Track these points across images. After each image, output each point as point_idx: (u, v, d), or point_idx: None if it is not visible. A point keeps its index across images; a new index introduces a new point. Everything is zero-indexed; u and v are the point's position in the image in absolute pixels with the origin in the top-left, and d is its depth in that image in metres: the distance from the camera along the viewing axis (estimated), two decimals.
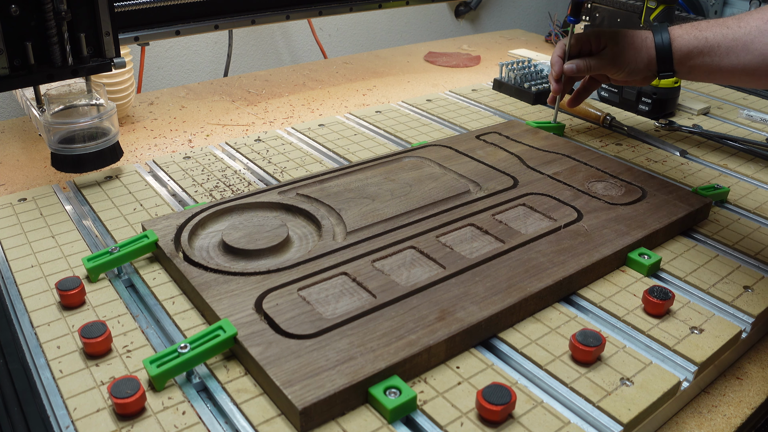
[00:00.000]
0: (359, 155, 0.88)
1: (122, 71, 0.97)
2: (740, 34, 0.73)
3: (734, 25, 0.74)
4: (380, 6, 1.24)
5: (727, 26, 0.74)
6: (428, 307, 0.54)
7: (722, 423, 0.53)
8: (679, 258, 0.67)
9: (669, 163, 0.89)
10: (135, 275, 0.62)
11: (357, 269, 0.59)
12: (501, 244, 0.64)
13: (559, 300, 0.60)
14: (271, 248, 0.62)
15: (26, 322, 0.56)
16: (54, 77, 0.71)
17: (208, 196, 0.77)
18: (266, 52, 1.61)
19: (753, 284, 0.63)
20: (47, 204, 0.74)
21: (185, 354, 0.49)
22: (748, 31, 0.72)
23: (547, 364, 0.52)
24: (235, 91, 1.20)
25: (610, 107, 1.10)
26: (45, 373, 0.50)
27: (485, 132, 0.91)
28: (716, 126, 1.03)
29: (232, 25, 1.07)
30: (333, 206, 0.69)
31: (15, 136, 0.98)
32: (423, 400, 0.48)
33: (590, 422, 0.48)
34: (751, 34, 0.72)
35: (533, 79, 1.15)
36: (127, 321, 0.56)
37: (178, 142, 0.97)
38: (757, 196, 0.81)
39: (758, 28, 0.72)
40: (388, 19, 1.82)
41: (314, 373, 0.47)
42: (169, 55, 1.46)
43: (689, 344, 0.55)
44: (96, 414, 0.46)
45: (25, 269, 0.62)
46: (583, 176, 0.78)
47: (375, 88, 1.24)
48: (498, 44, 1.59)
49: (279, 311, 0.53)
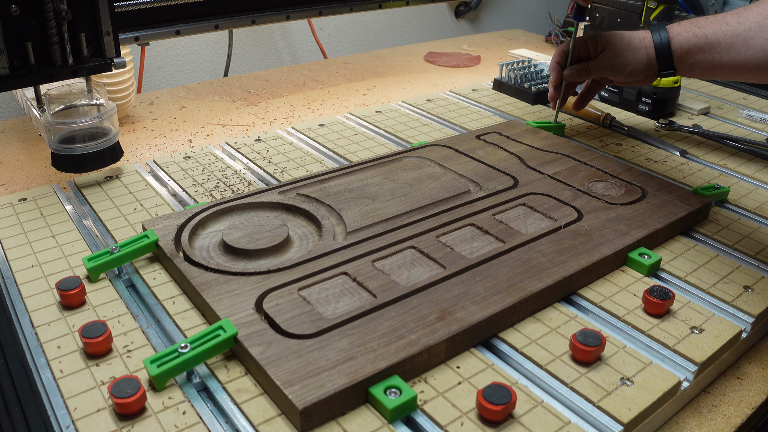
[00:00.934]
0: (359, 155, 0.88)
1: (122, 71, 0.97)
2: (740, 30, 0.73)
3: (733, 21, 0.74)
4: (380, 6, 1.24)
5: (727, 22, 0.74)
6: (428, 307, 0.54)
7: (722, 423, 0.53)
8: (679, 258, 0.67)
9: (669, 163, 0.89)
10: (135, 275, 0.62)
11: (357, 269, 0.59)
12: (501, 244, 0.64)
13: (559, 300, 0.60)
14: (272, 248, 0.62)
15: (26, 322, 0.56)
16: (54, 77, 0.71)
17: (209, 196, 0.77)
18: (266, 52, 1.61)
19: (753, 284, 0.63)
20: (47, 204, 0.74)
21: (185, 354, 0.49)
22: (748, 27, 0.72)
23: (548, 363, 0.52)
24: (235, 91, 1.20)
25: (610, 107, 1.10)
26: (45, 373, 0.50)
27: (485, 132, 0.91)
28: (716, 126, 1.03)
29: (232, 25, 1.07)
30: (333, 206, 0.69)
31: (15, 136, 0.98)
32: (423, 400, 0.48)
33: (590, 422, 0.48)
34: (751, 30, 0.72)
35: (533, 79, 1.15)
36: (127, 321, 0.56)
37: (179, 142, 0.97)
38: (757, 196, 0.81)
39: (758, 23, 0.72)
40: (388, 19, 1.82)
41: (314, 372, 0.47)
42: (169, 55, 1.46)
43: (689, 344, 0.55)
44: (96, 414, 0.46)
45: (25, 269, 0.62)
46: (583, 176, 0.78)
47: (375, 88, 1.24)
48: (498, 44, 1.59)
49: (279, 311, 0.53)
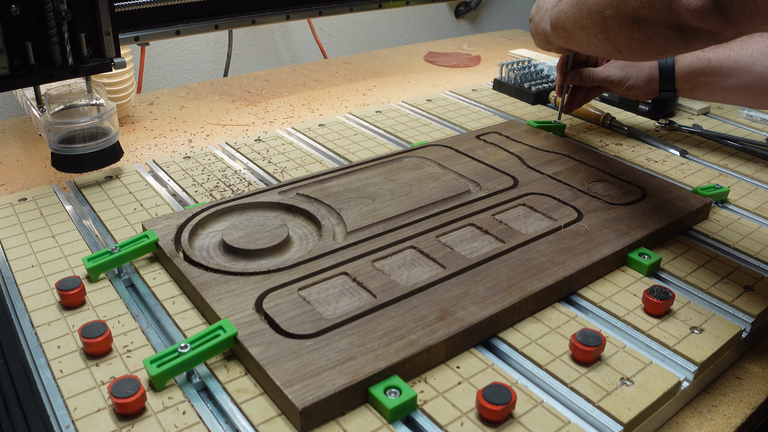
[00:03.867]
0: (359, 155, 0.88)
1: (122, 71, 0.97)
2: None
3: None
4: (380, 6, 1.24)
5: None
6: (428, 306, 0.54)
7: (722, 423, 0.53)
8: (679, 258, 0.67)
9: (669, 163, 0.89)
10: (135, 275, 0.62)
11: (357, 269, 0.59)
12: (501, 243, 0.64)
13: (559, 300, 0.60)
14: (272, 248, 0.62)
15: (26, 322, 0.56)
16: (54, 77, 0.71)
17: (209, 196, 0.77)
18: (266, 52, 1.61)
19: (753, 284, 0.63)
20: (47, 204, 0.74)
21: (185, 354, 0.49)
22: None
23: (548, 363, 0.52)
24: (235, 91, 1.20)
25: (610, 107, 1.10)
26: (45, 373, 0.50)
27: (485, 132, 0.91)
28: (716, 126, 1.03)
29: (232, 25, 1.07)
30: (333, 206, 0.69)
31: (15, 136, 0.98)
32: (423, 400, 0.48)
33: (590, 422, 0.48)
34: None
35: (533, 79, 1.15)
36: (127, 321, 0.56)
37: (178, 142, 0.97)
38: (757, 196, 0.81)
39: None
40: (388, 19, 1.82)
41: (314, 372, 0.47)
42: (169, 55, 1.46)
43: (689, 344, 0.55)
44: (96, 414, 0.46)
45: (25, 269, 0.62)
46: (583, 176, 0.78)
47: (375, 88, 1.24)
48: (498, 44, 1.59)
49: (279, 311, 0.53)
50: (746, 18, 0.49)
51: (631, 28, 0.58)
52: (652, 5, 0.54)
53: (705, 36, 0.53)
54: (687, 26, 0.53)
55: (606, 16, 0.60)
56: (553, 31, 0.74)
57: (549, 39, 0.77)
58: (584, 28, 0.65)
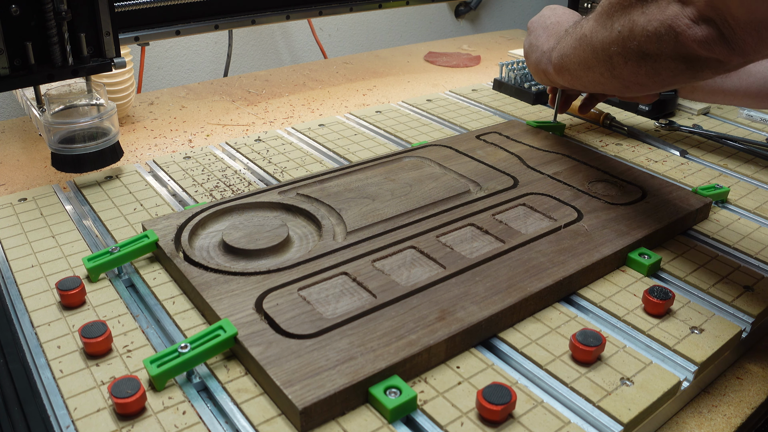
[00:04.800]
0: (359, 155, 0.88)
1: (122, 71, 0.97)
2: None
3: None
4: (380, 6, 1.24)
5: None
6: (428, 307, 0.54)
7: (722, 423, 0.53)
8: (679, 258, 0.67)
9: (669, 163, 0.89)
10: (135, 275, 0.62)
11: (357, 269, 0.59)
12: (501, 243, 0.64)
13: (559, 300, 0.60)
14: (272, 248, 0.62)
15: (26, 322, 0.56)
16: (54, 77, 0.71)
17: (209, 196, 0.77)
18: (266, 52, 1.61)
19: (753, 284, 0.63)
20: (47, 204, 0.74)
21: (185, 354, 0.49)
22: None
23: (547, 363, 0.52)
24: (235, 91, 1.20)
25: (610, 107, 1.10)
26: (45, 373, 0.50)
27: (485, 132, 0.91)
28: (716, 126, 1.03)
29: (232, 25, 1.07)
30: (333, 206, 0.69)
31: (15, 136, 0.98)
32: (423, 400, 0.48)
33: (590, 422, 0.48)
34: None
35: (533, 79, 1.15)
36: (127, 321, 0.56)
37: (178, 142, 0.97)
38: (757, 196, 0.81)
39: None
40: (388, 19, 1.82)
41: (314, 372, 0.47)
42: (169, 55, 1.46)
43: (689, 344, 0.55)
44: (96, 414, 0.46)
45: (25, 269, 0.62)
46: (583, 176, 0.78)
47: (375, 88, 1.24)
48: (498, 44, 1.59)
49: (279, 311, 0.53)
50: (750, 46, 0.49)
51: (638, 64, 0.58)
52: (659, 38, 0.54)
53: (713, 65, 0.53)
54: (695, 57, 0.53)
55: (612, 53, 0.60)
56: (557, 74, 0.73)
57: (552, 80, 0.77)
58: (590, 68, 0.65)
